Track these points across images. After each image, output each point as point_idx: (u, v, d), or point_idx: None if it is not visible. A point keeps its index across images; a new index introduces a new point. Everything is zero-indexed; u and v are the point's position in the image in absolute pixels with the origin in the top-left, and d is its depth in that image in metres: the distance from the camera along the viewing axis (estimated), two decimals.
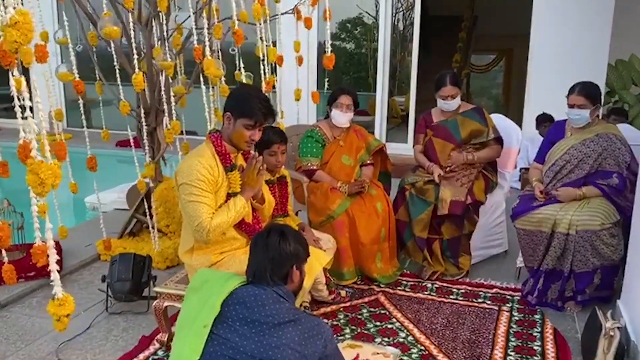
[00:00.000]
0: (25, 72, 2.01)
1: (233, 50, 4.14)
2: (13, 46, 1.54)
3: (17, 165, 2.79)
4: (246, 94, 2.61)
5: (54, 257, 1.89)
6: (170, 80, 3.62)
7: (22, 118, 1.84)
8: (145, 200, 3.97)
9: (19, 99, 1.93)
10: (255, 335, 1.75)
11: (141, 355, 2.76)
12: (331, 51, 4.18)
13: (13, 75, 1.95)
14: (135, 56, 3.37)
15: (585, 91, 3.28)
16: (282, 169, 3.25)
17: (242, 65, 3.70)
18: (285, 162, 3.25)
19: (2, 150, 2.66)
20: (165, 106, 3.61)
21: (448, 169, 3.73)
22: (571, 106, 3.30)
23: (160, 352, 2.78)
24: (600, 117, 3.46)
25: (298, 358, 1.73)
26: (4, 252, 2.76)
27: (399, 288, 3.55)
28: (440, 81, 3.80)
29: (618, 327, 2.65)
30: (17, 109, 1.76)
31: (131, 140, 3.94)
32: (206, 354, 1.74)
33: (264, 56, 3.83)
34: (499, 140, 3.85)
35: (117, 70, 3.63)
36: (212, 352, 1.75)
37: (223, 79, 3.44)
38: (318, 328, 1.81)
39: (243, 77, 3.71)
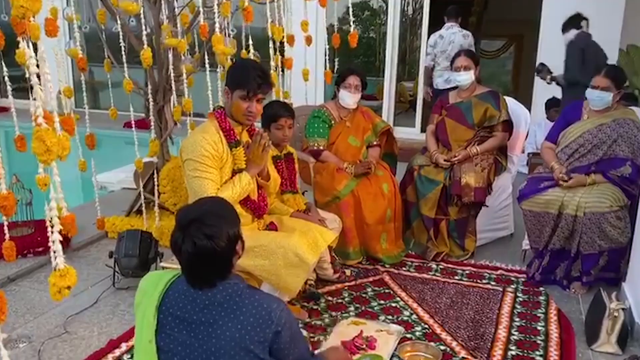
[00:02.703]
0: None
1: (233, 30, 4.14)
2: (20, 11, 1.53)
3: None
4: (241, 66, 2.61)
5: (57, 226, 1.90)
6: (183, 57, 3.62)
7: (30, 88, 1.85)
8: (151, 179, 3.99)
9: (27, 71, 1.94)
10: (194, 340, 1.56)
11: None
12: (339, 34, 4.18)
13: (18, 48, 1.96)
14: (145, 32, 3.36)
15: (612, 74, 3.23)
16: (288, 146, 3.25)
17: (250, 43, 3.69)
18: (293, 139, 3.24)
19: (8, 131, 2.69)
20: (173, 84, 3.61)
21: (452, 159, 3.70)
22: (594, 87, 3.24)
23: None
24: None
25: (243, 357, 1.53)
26: (6, 228, 2.79)
27: (404, 268, 3.56)
28: (456, 54, 3.87)
29: (622, 308, 2.65)
30: (32, 77, 1.75)
31: (132, 122, 3.90)
32: None
33: (272, 36, 3.82)
34: (507, 125, 3.82)
35: (123, 48, 3.63)
36: None
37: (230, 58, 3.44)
38: (266, 314, 1.56)
39: (251, 55, 3.71)
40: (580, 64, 5.16)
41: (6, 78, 2.79)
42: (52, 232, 1.94)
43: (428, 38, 7.24)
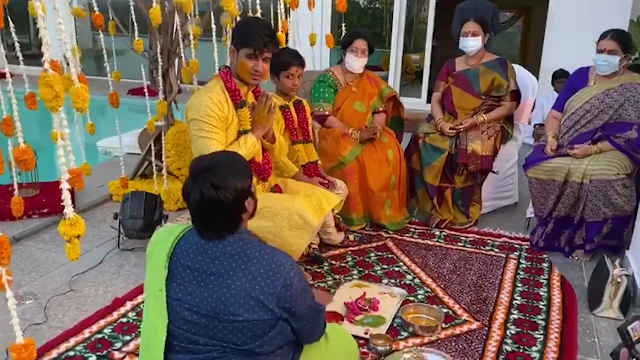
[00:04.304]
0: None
1: None
2: None
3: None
4: (247, 23, 2.57)
5: (65, 175, 1.90)
6: (189, 18, 3.58)
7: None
8: (155, 143, 3.99)
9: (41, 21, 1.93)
10: (204, 289, 1.57)
11: None
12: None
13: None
14: None
15: (618, 37, 3.17)
16: (297, 96, 3.21)
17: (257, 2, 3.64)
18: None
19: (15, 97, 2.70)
20: (181, 46, 3.57)
21: (458, 127, 3.67)
22: (600, 51, 3.19)
23: None
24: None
25: (253, 306, 1.54)
26: (15, 184, 2.81)
27: (407, 235, 3.56)
28: (465, 19, 3.76)
29: (626, 275, 2.66)
30: (41, 26, 1.74)
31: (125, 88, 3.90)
32: (171, 316, 1.60)
33: None
34: (516, 95, 3.79)
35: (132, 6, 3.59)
36: (175, 313, 1.59)
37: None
38: (275, 267, 1.57)
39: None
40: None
41: (16, 43, 2.79)
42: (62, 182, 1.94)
43: (436, 9, 7.19)
